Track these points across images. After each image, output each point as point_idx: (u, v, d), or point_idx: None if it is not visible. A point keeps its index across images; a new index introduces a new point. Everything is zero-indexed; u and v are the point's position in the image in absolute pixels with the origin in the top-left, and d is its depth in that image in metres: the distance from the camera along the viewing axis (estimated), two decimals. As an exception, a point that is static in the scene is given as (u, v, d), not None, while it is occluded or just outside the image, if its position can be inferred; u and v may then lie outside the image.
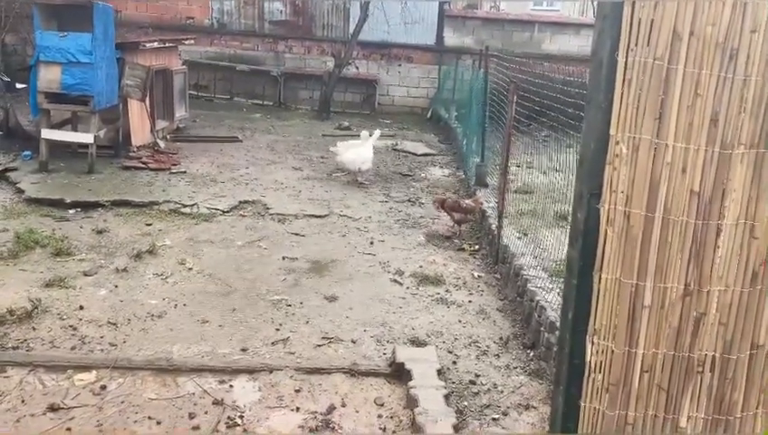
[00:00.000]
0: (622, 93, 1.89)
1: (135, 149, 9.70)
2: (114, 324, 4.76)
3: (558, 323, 4.30)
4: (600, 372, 1.99)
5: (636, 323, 1.98)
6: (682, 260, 1.97)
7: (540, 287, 5.00)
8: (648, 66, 1.88)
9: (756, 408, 2.06)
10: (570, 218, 2.25)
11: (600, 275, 1.98)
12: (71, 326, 4.69)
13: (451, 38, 16.89)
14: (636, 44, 1.90)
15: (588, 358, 2.00)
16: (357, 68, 16.65)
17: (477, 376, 4.34)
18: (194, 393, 4.00)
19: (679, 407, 2.03)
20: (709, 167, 1.94)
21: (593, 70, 1.97)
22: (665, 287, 1.99)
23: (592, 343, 1.98)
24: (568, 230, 5.67)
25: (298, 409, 3.88)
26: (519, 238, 6.23)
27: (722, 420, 2.06)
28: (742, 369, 2.05)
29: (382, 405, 3.97)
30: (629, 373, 2.00)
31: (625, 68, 1.89)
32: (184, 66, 12.37)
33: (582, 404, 2.02)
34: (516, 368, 4.50)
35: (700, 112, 1.92)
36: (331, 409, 3.89)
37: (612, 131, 1.91)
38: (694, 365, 2.01)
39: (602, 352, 1.99)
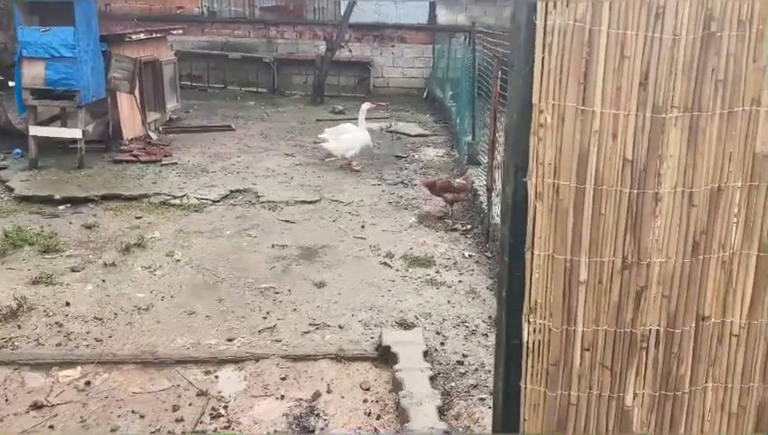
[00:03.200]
0: (543, 59, 1.79)
1: (126, 143, 9.65)
2: (100, 319, 4.74)
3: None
4: (538, 351, 1.91)
5: (573, 299, 1.90)
6: (618, 232, 1.88)
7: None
8: (568, 29, 1.79)
9: (705, 382, 1.98)
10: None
11: (533, 252, 1.90)
12: (56, 323, 4.66)
13: (444, 16, 16.70)
14: (554, 7, 1.81)
15: (525, 338, 1.92)
16: (350, 51, 16.50)
17: (465, 356, 4.30)
18: (179, 386, 3.98)
19: (624, 384, 1.96)
20: (641, 133, 1.84)
21: (512, 35, 1.87)
22: (601, 262, 1.90)
23: (528, 323, 1.90)
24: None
25: (283, 397, 3.86)
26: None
27: (669, 396, 1.98)
28: (688, 342, 1.97)
29: (368, 390, 3.94)
30: (569, 352, 1.92)
31: (544, 32, 1.79)
32: (174, 56, 12.26)
33: (523, 386, 1.95)
34: (505, 347, 4.44)
35: (628, 75, 1.82)
36: (317, 395, 3.86)
37: (535, 100, 1.82)
38: (637, 341, 1.93)
39: (539, 330, 1.91)
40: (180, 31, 12.88)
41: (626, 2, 1.75)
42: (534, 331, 1.90)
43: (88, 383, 3.96)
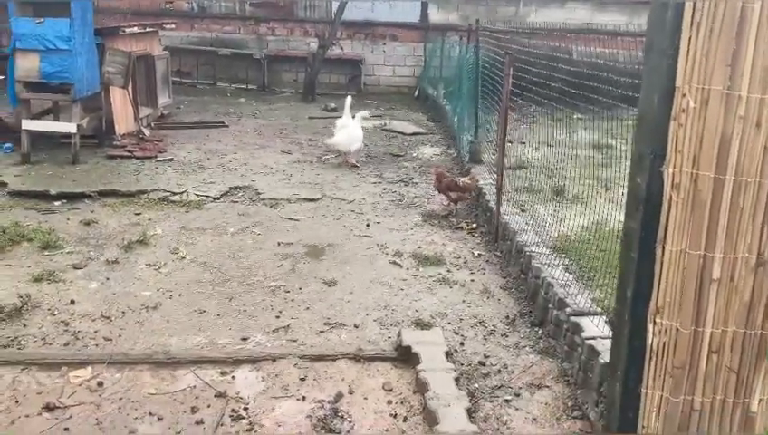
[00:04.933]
0: (690, 38, 1.69)
1: (119, 138, 9.45)
2: (108, 318, 4.60)
3: (567, 300, 4.20)
4: (663, 354, 1.82)
5: (703, 298, 1.81)
6: (754, 227, 1.80)
7: (545, 264, 4.88)
8: (719, 6, 1.68)
9: None
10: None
11: (664, 247, 1.78)
12: (62, 322, 4.51)
13: (436, 15, 16.64)
14: None
15: (649, 340, 1.82)
16: (341, 48, 16.38)
17: (486, 357, 4.23)
18: (195, 386, 3.86)
19: (750, 390, 1.87)
20: None
21: (655, 12, 1.76)
22: (735, 258, 1.82)
23: (654, 323, 1.81)
24: (564, 205, 5.52)
25: (304, 398, 3.76)
26: (518, 215, 6.11)
27: None
28: None
29: (391, 390, 3.85)
30: (696, 355, 1.83)
31: (693, 9, 1.68)
32: (166, 52, 12.06)
33: (644, 391, 1.85)
34: (525, 347, 4.39)
35: None
36: (339, 396, 3.76)
37: (678, 82, 1.71)
38: (766, 343, 1.86)
39: (666, 332, 1.82)
40: (173, 26, 12.69)
41: None
42: (660, 332, 1.81)
43: (100, 384, 3.83)
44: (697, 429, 1.87)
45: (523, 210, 6.29)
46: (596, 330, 3.73)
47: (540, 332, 4.55)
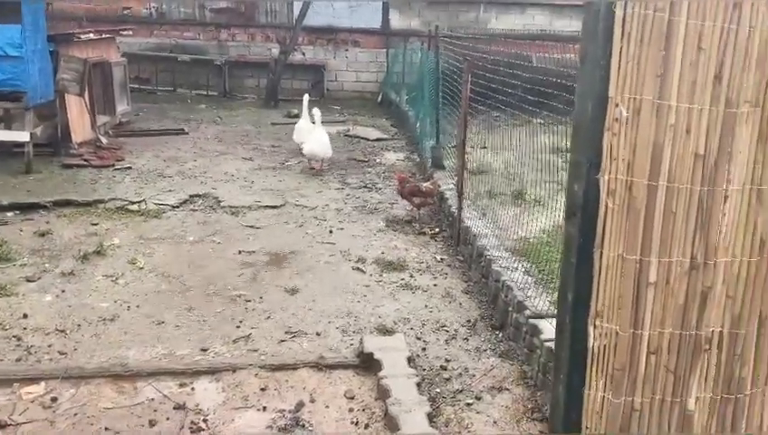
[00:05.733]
0: (621, 49, 1.74)
1: (76, 146, 9.24)
2: (63, 331, 4.48)
3: (526, 303, 4.25)
4: (603, 357, 1.85)
5: (641, 302, 1.85)
6: (687, 231, 1.85)
7: (504, 267, 4.92)
8: (648, 18, 1.74)
9: (765, 383, 1.97)
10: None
11: (602, 253, 1.83)
12: (14, 337, 4.38)
13: (397, 20, 16.70)
14: None
15: (590, 343, 1.86)
16: (303, 54, 16.33)
17: (448, 361, 4.25)
18: (153, 399, 3.78)
19: (687, 388, 1.92)
20: (714, 128, 1.81)
21: (588, 23, 1.80)
22: (670, 262, 1.87)
23: (594, 327, 1.84)
24: (525, 208, 5.58)
25: (265, 408, 3.71)
26: (479, 219, 6.16)
27: (731, 399, 1.96)
28: (750, 343, 1.95)
29: (353, 398, 3.83)
30: (635, 356, 1.87)
31: (623, 20, 1.73)
32: (123, 58, 11.86)
33: (586, 392, 1.88)
34: (486, 350, 4.42)
35: (704, 68, 1.78)
36: (300, 405, 3.73)
37: (611, 92, 1.76)
38: (701, 343, 1.90)
39: (606, 335, 1.85)
40: (131, 32, 12.50)
41: None
42: (600, 335, 1.84)
43: (54, 400, 3.73)
44: (638, 428, 1.91)
45: (484, 214, 6.35)
46: (554, 332, 3.77)
47: (500, 335, 4.59)
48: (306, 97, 9.85)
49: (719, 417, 1.98)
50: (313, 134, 9.13)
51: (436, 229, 6.82)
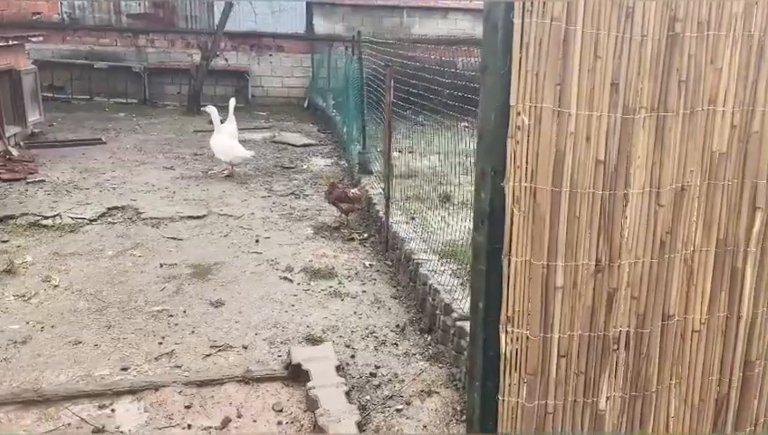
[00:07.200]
0: (521, 59, 1.77)
1: (-18, 160, 8.76)
2: (-32, 358, 4.21)
3: (453, 305, 4.28)
4: (515, 362, 1.88)
5: (549, 306, 1.89)
6: (591, 235, 1.89)
7: (431, 271, 4.96)
8: (545, 28, 1.77)
9: (670, 379, 2.04)
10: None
11: (510, 259, 1.86)
12: None
13: (321, 26, 16.65)
14: (531, 5, 1.77)
15: (503, 349, 1.88)
16: (226, 60, 16.04)
17: (377, 368, 4.23)
18: (70, 424, 3.59)
19: (598, 389, 1.97)
20: (612, 134, 1.86)
21: (487, 34, 1.83)
22: (576, 265, 1.91)
23: (506, 332, 1.87)
24: (452, 211, 5.64)
25: (190, 426, 3.59)
26: (407, 223, 6.19)
27: (639, 397, 2.02)
28: (655, 342, 2.02)
29: (281, 411, 3.76)
30: (546, 360, 1.90)
31: (522, 30, 1.76)
32: (34, 66, 11.32)
33: (501, 399, 1.90)
34: (415, 354, 4.43)
35: (601, 76, 1.83)
36: (227, 421, 3.63)
37: (513, 101, 1.79)
38: (609, 344, 1.95)
39: (517, 340, 1.88)
40: (41, 38, 11.91)
41: (599, 1, 1.76)
42: (512, 341, 1.86)
43: (-41, 432, 3.50)
44: (552, 430, 1.95)
45: (412, 218, 6.38)
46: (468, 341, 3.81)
47: (429, 338, 4.61)
48: (233, 101, 9.72)
49: (629, 414, 2.04)
50: (213, 137, 9.05)
51: (365, 235, 6.81)
